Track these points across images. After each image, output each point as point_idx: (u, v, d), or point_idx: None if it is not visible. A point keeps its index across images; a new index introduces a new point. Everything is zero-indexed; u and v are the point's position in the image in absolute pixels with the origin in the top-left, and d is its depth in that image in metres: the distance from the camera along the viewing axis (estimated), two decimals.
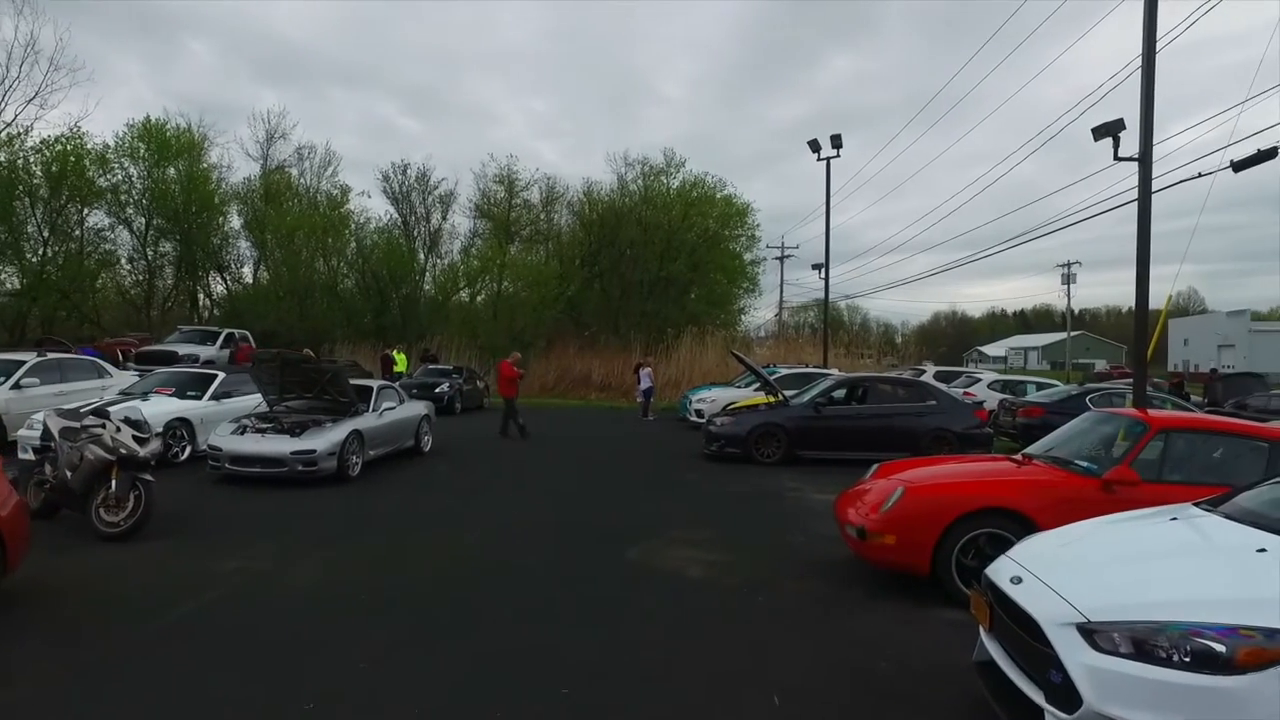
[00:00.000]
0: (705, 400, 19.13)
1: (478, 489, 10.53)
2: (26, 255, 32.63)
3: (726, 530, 8.34)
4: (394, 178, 39.79)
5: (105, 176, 33.98)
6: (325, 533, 7.78)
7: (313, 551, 7.02)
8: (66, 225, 33.87)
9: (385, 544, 7.38)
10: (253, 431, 10.54)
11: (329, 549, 7.12)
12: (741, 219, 40.28)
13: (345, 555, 6.93)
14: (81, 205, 33.87)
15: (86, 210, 34.29)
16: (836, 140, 24.88)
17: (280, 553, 6.91)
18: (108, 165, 34.06)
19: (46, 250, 33.31)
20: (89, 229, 34.40)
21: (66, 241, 34.14)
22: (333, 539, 7.52)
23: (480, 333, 34.24)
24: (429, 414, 13.58)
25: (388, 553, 7.06)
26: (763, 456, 13.05)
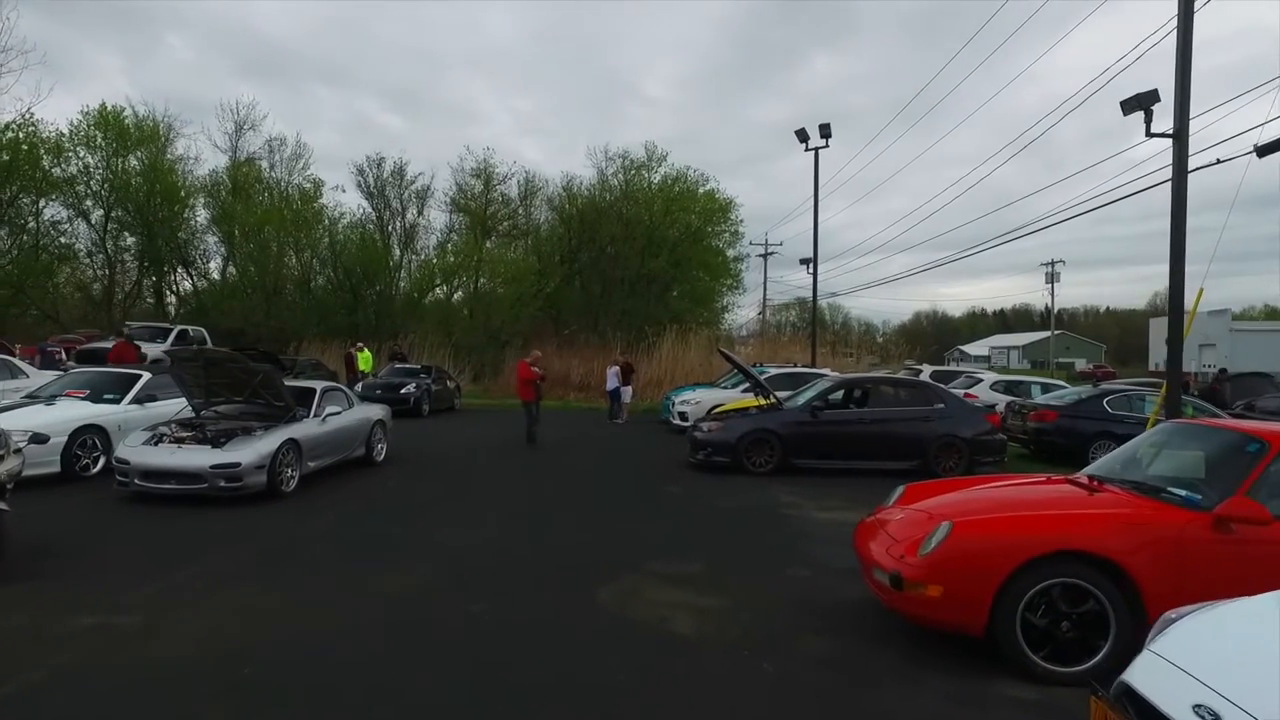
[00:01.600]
0: (689, 402, 17.71)
1: (431, 507, 9.06)
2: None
3: (717, 561, 6.92)
4: (369, 171, 38.13)
5: (60, 166, 32.11)
6: (230, 570, 6.27)
7: (203, 599, 5.52)
8: (20, 218, 31.98)
9: (299, 587, 5.90)
10: (169, 441, 9.01)
11: (225, 595, 5.62)
12: (724, 214, 39.00)
13: (244, 604, 5.43)
14: (37, 196, 31.99)
15: (44, 202, 32.44)
16: (825, 130, 23.59)
17: (161, 602, 5.40)
18: (63, 154, 32.19)
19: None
20: (44, 221, 32.53)
21: (20, 234, 32.24)
22: (236, 579, 6.02)
23: (455, 330, 32.67)
24: (384, 419, 12.06)
25: (298, 600, 5.57)
26: (754, 466, 11.67)
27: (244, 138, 38.17)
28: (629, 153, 37.90)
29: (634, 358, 27.08)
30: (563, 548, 7.24)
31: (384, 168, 37.90)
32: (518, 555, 6.96)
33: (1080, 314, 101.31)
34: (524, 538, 7.64)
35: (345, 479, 10.43)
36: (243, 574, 6.19)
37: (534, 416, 14.81)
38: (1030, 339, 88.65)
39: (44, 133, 31.59)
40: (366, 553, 6.95)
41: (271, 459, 8.96)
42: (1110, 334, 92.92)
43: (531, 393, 14.94)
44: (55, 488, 9.18)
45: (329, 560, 6.69)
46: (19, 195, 31.43)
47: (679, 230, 37.61)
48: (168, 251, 33.96)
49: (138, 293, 34.41)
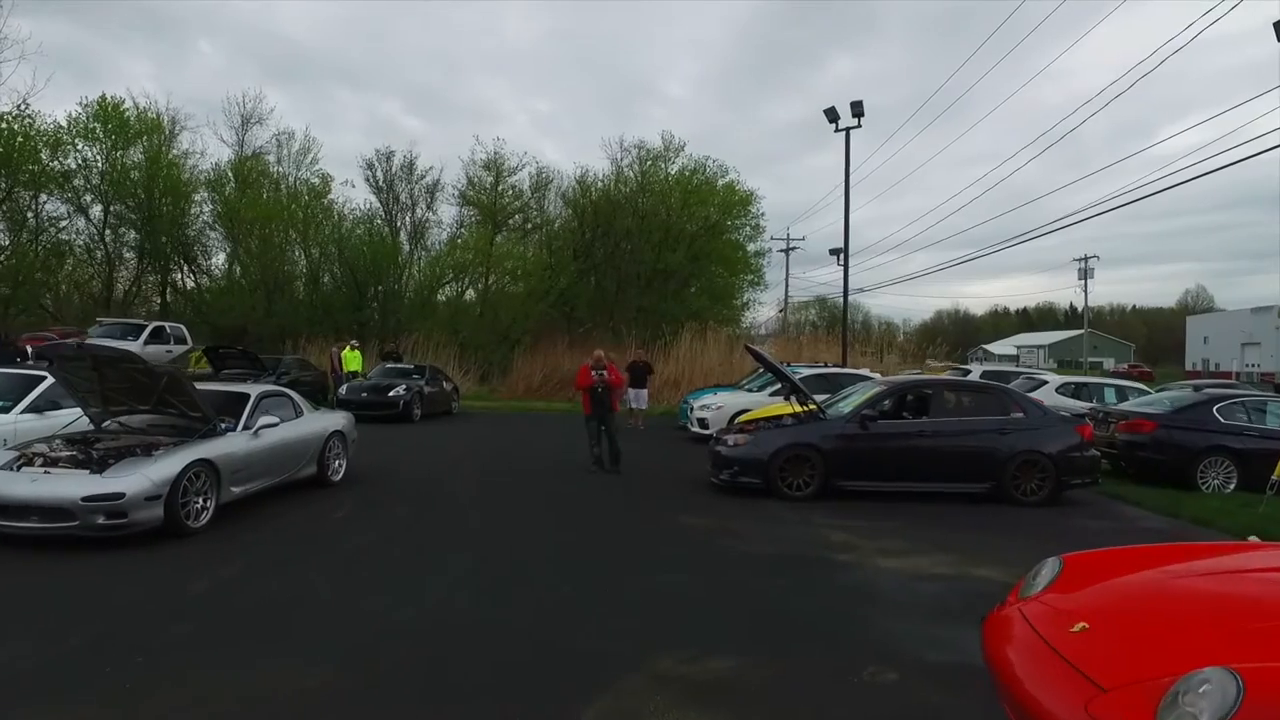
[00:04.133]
0: (709, 407, 15.38)
1: (375, 552, 6.80)
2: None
3: (757, 650, 4.60)
4: (378, 166, 36.14)
5: (58, 159, 30.35)
6: (32, 663, 4.06)
7: None
8: (18, 212, 30.30)
9: (112, 696, 3.68)
10: (42, 463, 6.84)
11: None
12: (745, 207, 36.51)
13: None
14: (36, 190, 30.27)
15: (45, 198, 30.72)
16: (857, 108, 21.12)
17: None
18: (61, 147, 30.42)
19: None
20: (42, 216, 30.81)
21: (19, 230, 30.56)
22: (30, 681, 3.81)
23: (462, 328, 30.51)
24: (344, 430, 9.82)
25: None
26: (790, 489, 9.34)
27: (250, 132, 36.39)
28: (645, 143, 35.55)
29: (651, 356, 24.66)
30: (534, 625, 4.95)
31: (393, 162, 35.96)
32: (467, 640, 4.68)
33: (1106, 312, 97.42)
34: (483, 606, 5.36)
35: (284, 507, 8.20)
36: (43, 672, 3.98)
37: (608, 433, 11.26)
38: (1056, 338, 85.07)
39: (41, 125, 29.92)
40: (254, 629, 4.70)
41: (171, 486, 6.76)
42: (1138, 333, 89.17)
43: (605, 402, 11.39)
44: None
45: (194, 643, 4.44)
46: (14, 189, 29.78)
47: (697, 224, 35.19)
48: (170, 247, 32.14)
49: (138, 289, 32.57)
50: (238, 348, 18.75)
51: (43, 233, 30.63)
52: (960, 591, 5.86)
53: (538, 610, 5.23)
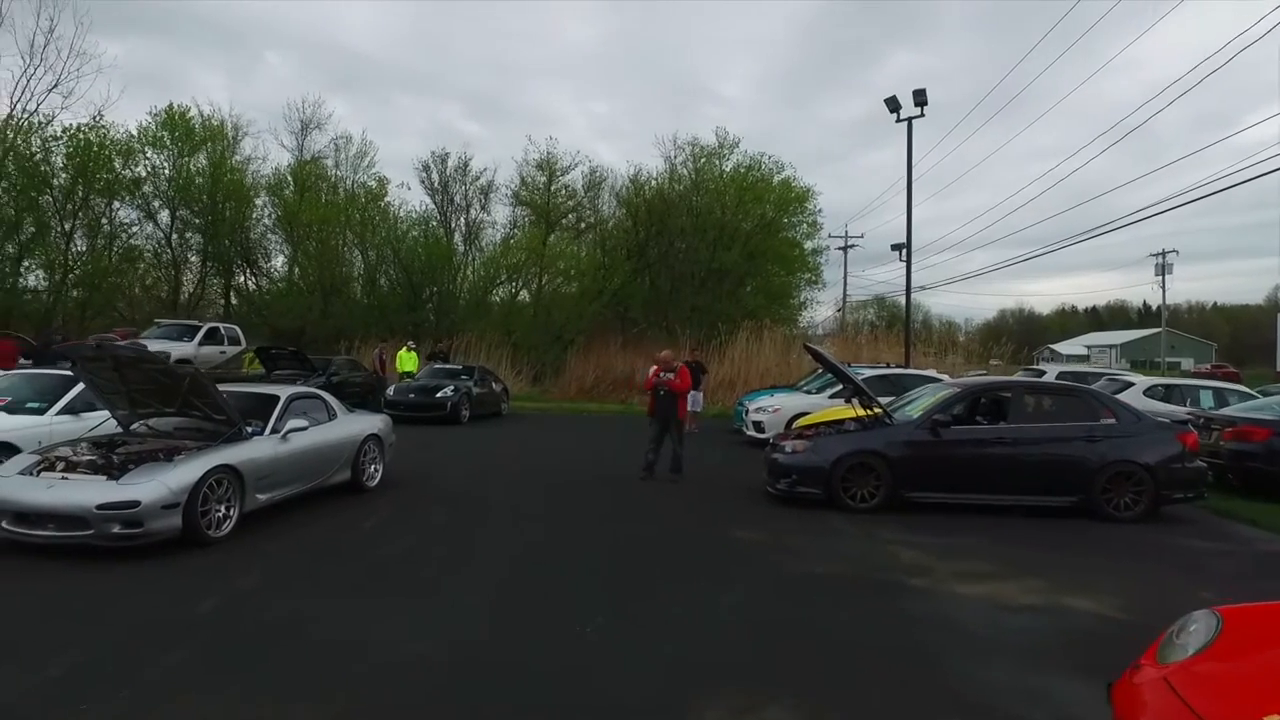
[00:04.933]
0: (765, 409, 14.60)
1: (400, 568, 6.26)
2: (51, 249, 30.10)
3: (818, 696, 3.88)
4: (434, 168, 36.18)
5: (129, 167, 31.17)
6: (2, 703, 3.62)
7: None
8: (93, 218, 31.24)
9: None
10: (63, 468, 6.51)
11: None
12: (801, 204, 35.42)
13: None
14: (109, 197, 31.16)
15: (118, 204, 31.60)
16: (920, 96, 19.99)
17: None
18: (132, 156, 31.24)
19: (70, 244, 30.70)
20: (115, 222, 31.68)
21: (95, 236, 31.51)
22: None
23: (515, 329, 30.22)
24: (380, 433, 9.37)
25: None
26: (854, 500, 8.55)
27: (310, 137, 36.88)
28: (698, 139, 34.76)
29: (705, 356, 23.87)
30: (561, 663, 4.32)
31: (448, 164, 35.96)
32: (481, 684, 4.07)
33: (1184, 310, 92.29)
34: (507, 636, 4.75)
35: (313, 515, 7.77)
36: (10, 712, 3.52)
37: (671, 439, 10.54)
38: (1130, 337, 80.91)
39: (114, 135, 30.78)
40: (250, 660, 4.16)
41: (190, 494, 6.35)
42: (1219, 331, 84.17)
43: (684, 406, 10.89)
44: None
45: (184, 674, 3.94)
46: (89, 196, 30.66)
47: (753, 221, 34.27)
48: (232, 251, 32.73)
49: (202, 292, 33.23)
50: (288, 349, 18.69)
51: (115, 238, 31.48)
52: (1056, 627, 5.03)
53: (566, 643, 4.60)
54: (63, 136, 29.64)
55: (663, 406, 10.59)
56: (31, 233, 29.43)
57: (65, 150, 29.70)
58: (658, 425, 10.63)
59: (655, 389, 10.57)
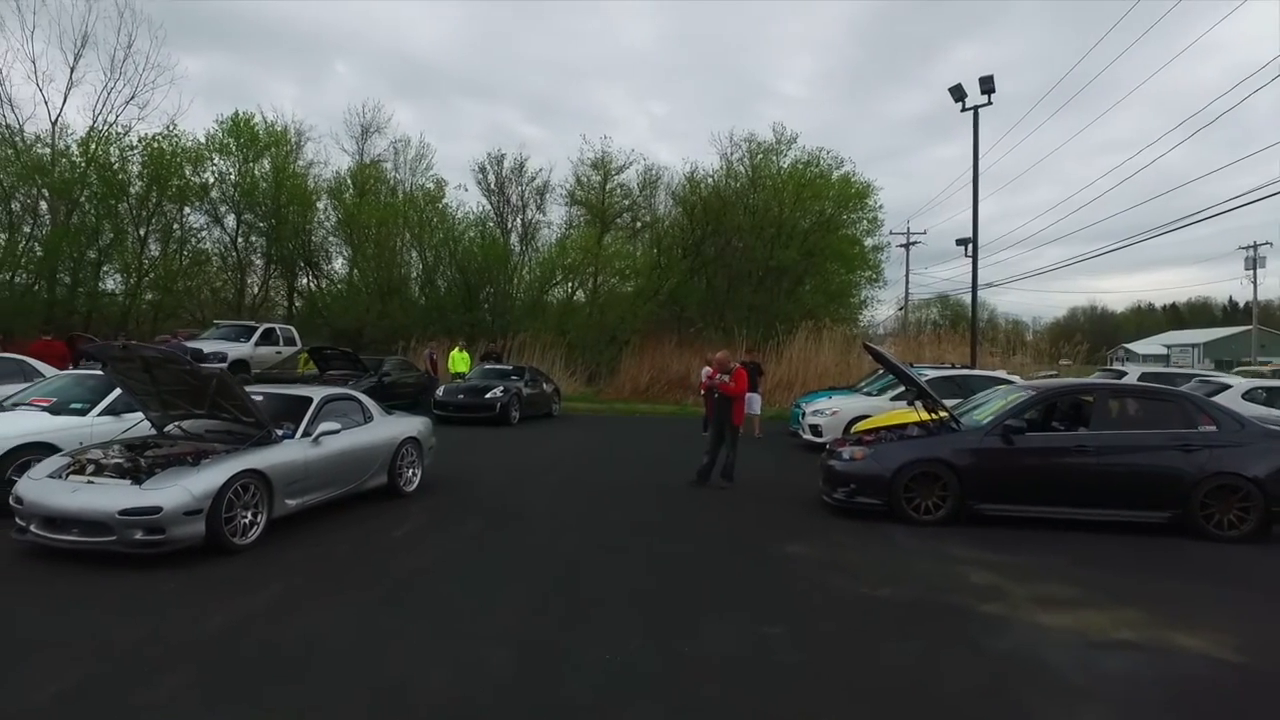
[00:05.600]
0: (823, 412, 13.88)
1: (426, 583, 5.85)
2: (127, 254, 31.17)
3: None
4: (489, 169, 36.25)
5: (197, 174, 32.04)
6: None
7: None
8: (164, 224, 32.22)
9: None
10: (92, 471, 6.31)
11: None
12: (861, 200, 34.31)
13: None
14: (181, 203, 32.09)
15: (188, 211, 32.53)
16: (987, 84, 18.91)
17: None
18: (201, 162, 32.10)
19: (144, 249, 31.72)
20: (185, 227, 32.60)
21: (167, 241, 32.50)
22: None
23: (569, 329, 29.93)
24: (419, 436, 9.04)
25: None
26: (917, 512, 7.86)
27: (370, 140, 37.36)
28: (755, 135, 33.98)
29: (762, 356, 23.09)
30: (583, 705, 3.84)
31: (504, 165, 35.97)
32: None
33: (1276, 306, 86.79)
34: (527, 669, 4.28)
35: (344, 521, 7.46)
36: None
37: (725, 444, 9.99)
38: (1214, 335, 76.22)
39: (184, 143, 31.67)
40: (246, 689, 3.78)
41: (214, 500, 6.09)
42: None
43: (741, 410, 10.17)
44: None
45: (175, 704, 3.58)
46: (161, 202, 31.61)
47: (811, 218, 33.36)
48: (295, 253, 33.32)
49: (265, 294, 33.93)
50: (340, 349, 18.70)
51: (185, 243, 32.38)
52: (1160, 672, 4.32)
53: (593, 680, 4.11)
54: (138, 146, 30.66)
55: (719, 410, 10.05)
56: (110, 239, 30.48)
57: (141, 159, 30.71)
58: (714, 430, 10.10)
59: (710, 392, 10.05)
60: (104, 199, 30.00)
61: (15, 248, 30.23)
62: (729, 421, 9.97)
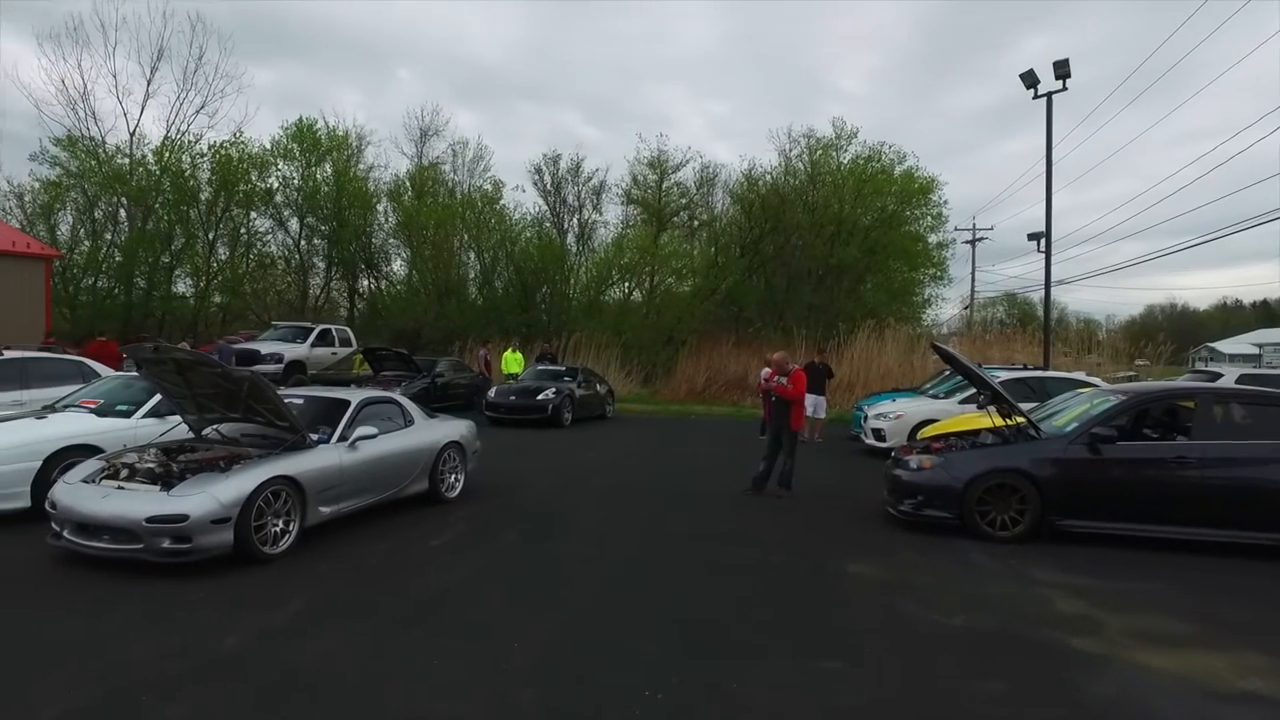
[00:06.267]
0: (886, 415, 13.13)
1: (456, 599, 5.47)
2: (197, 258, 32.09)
3: None
4: (545, 170, 36.19)
5: (262, 179, 32.79)
6: None
7: None
8: (232, 228, 33.08)
9: None
10: (125, 476, 6.13)
11: None
12: (925, 196, 33.03)
13: None
14: (247, 208, 32.90)
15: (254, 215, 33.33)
16: (1061, 68, 17.74)
17: None
18: (266, 168, 32.84)
19: (213, 253, 32.61)
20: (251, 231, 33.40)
21: (235, 245, 33.36)
22: None
23: (626, 329, 29.54)
24: (461, 440, 8.71)
25: None
26: (993, 528, 7.17)
27: (428, 143, 37.70)
28: (814, 131, 33.10)
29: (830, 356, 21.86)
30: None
31: (560, 165, 35.86)
32: None
33: None
34: (560, 699, 3.84)
35: (381, 529, 7.16)
36: None
37: (783, 450, 9.40)
38: None
39: (250, 149, 32.44)
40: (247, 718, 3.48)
41: (242, 508, 5.82)
42: None
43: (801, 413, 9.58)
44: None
45: None
46: (229, 207, 32.44)
47: (873, 215, 32.29)
48: (356, 255, 33.79)
49: (327, 295, 34.50)
50: (393, 350, 18.67)
51: (251, 246, 33.16)
52: None
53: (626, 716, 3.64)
54: (208, 153, 31.52)
55: (777, 414, 9.48)
56: (181, 243, 31.43)
57: (210, 166, 31.58)
58: (771, 435, 9.55)
59: (768, 394, 9.51)
60: (176, 205, 30.93)
61: (98, 253, 31.44)
62: (787, 426, 9.39)
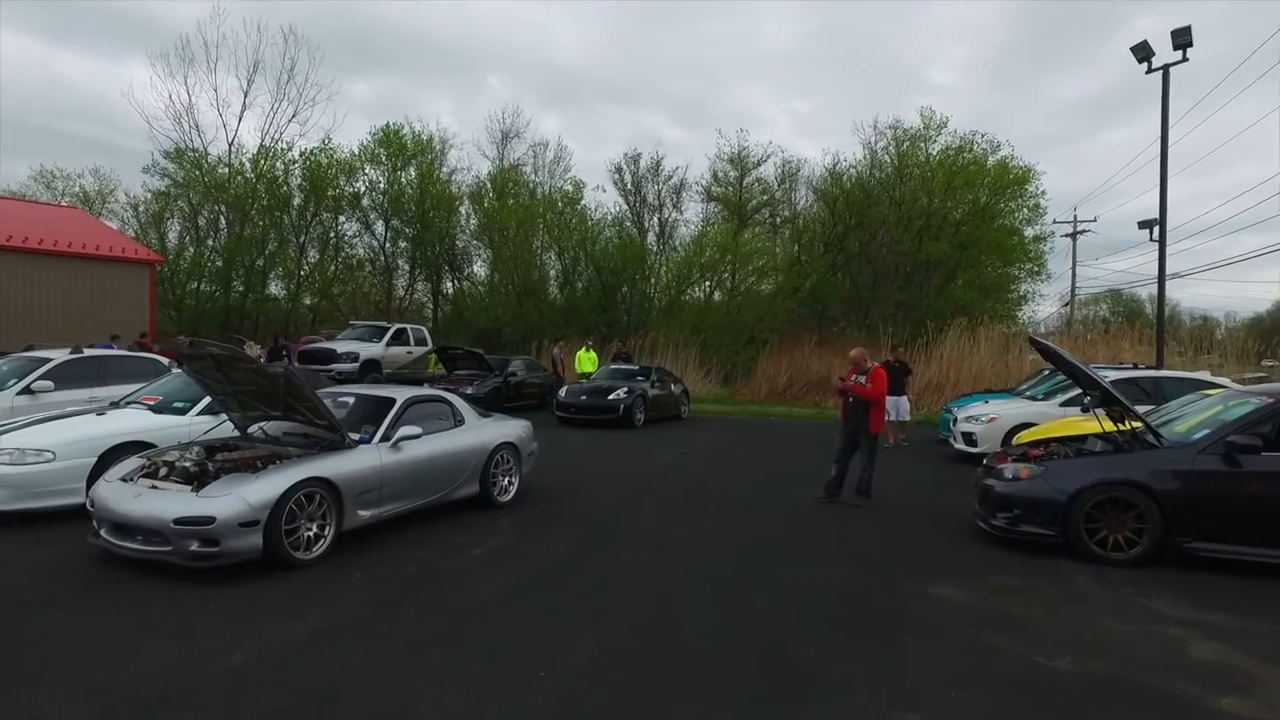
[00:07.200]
0: (978, 418, 12.02)
1: (492, 616, 4.96)
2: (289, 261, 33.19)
3: None
4: (626, 169, 35.86)
5: (350, 184, 33.65)
6: None
7: None
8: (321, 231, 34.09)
9: None
10: (163, 474, 5.90)
11: None
12: (1020, 187, 30.98)
13: None
14: (335, 212, 33.84)
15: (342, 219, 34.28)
16: (1181, 36, 15.98)
17: None
18: (354, 173, 33.70)
19: (304, 256, 33.66)
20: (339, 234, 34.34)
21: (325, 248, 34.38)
22: None
23: (705, 328, 28.81)
24: (516, 441, 8.24)
25: None
26: (1104, 548, 6.22)
27: (509, 145, 37.93)
28: (901, 122, 31.56)
29: (909, 355, 20.55)
30: None
31: (640, 164, 35.45)
32: None
33: None
34: None
35: (424, 534, 6.75)
36: None
37: (861, 455, 8.62)
38: None
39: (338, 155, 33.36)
40: None
41: (272, 510, 5.49)
42: None
43: (881, 415, 8.73)
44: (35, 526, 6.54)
45: None
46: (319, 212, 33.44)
47: (964, 208, 30.55)
48: (439, 257, 34.27)
49: (411, 296, 35.12)
50: (466, 349, 18.56)
51: (340, 250, 34.08)
52: None
53: None
54: (299, 160, 32.55)
55: (853, 415, 8.66)
56: (275, 247, 32.57)
57: (300, 172, 32.61)
58: (845, 437, 8.74)
59: (845, 395, 8.72)
60: (270, 211, 32.06)
61: (201, 258, 32.93)
62: (865, 429, 8.56)
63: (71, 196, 35.26)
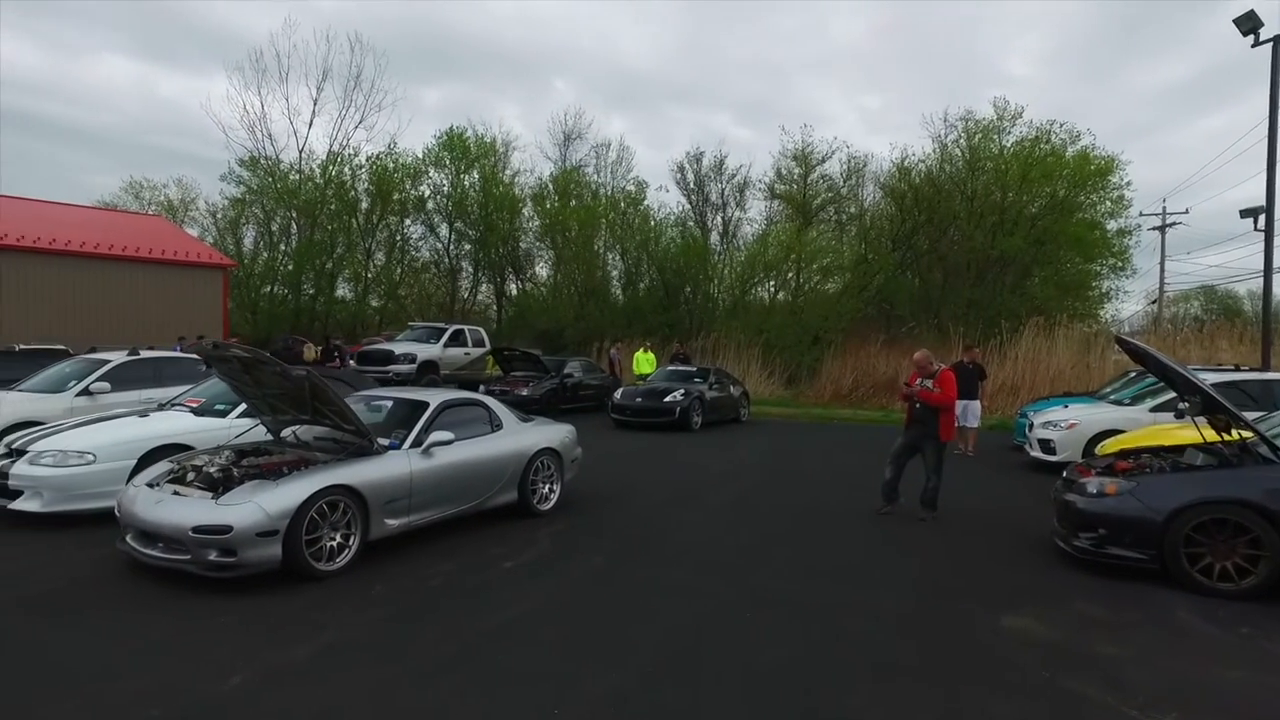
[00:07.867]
0: (1056, 424, 11.10)
1: (515, 637, 4.56)
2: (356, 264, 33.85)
3: None
4: (688, 168, 35.39)
5: (415, 187, 34.12)
6: None
7: None
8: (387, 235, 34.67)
9: None
10: (188, 480, 5.72)
11: None
12: (1102, 178, 29.14)
13: None
14: (401, 216, 34.36)
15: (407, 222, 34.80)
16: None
17: None
18: (418, 177, 34.15)
19: (370, 259, 34.26)
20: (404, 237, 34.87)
21: (390, 251, 34.95)
22: None
23: (768, 328, 28.05)
24: (558, 447, 7.84)
25: None
26: (1208, 576, 5.45)
27: (571, 146, 37.89)
28: (973, 113, 30.11)
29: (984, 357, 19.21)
30: None
31: (703, 163, 34.92)
32: None
33: None
34: None
35: (455, 545, 6.41)
36: None
37: (926, 465, 7.93)
38: None
39: (403, 160, 33.86)
40: None
41: (292, 519, 5.23)
42: None
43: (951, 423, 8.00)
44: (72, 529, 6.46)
45: None
46: (384, 215, 34.00)
47: (1041, 202, 28.98)
48: (502, 259, 34.43)
49: (474, 297, 35.40)
50: (522, 350, 18.37)
51: (405, 252, 34.59)
52: None
53: None
54: (365, 165, 33.16)
55: (918, 420, 7.98)
56: (343, 250, 33.26)
57: (367, 176, 33.22)
58: (903, 440, 8.06)
59: (910, 399, 8.03)
60: (338, 215, 32.74)
61: (274, 262, 33.87)
62: (933, 436, 7.87)
63: (157, 205, 36.82)
